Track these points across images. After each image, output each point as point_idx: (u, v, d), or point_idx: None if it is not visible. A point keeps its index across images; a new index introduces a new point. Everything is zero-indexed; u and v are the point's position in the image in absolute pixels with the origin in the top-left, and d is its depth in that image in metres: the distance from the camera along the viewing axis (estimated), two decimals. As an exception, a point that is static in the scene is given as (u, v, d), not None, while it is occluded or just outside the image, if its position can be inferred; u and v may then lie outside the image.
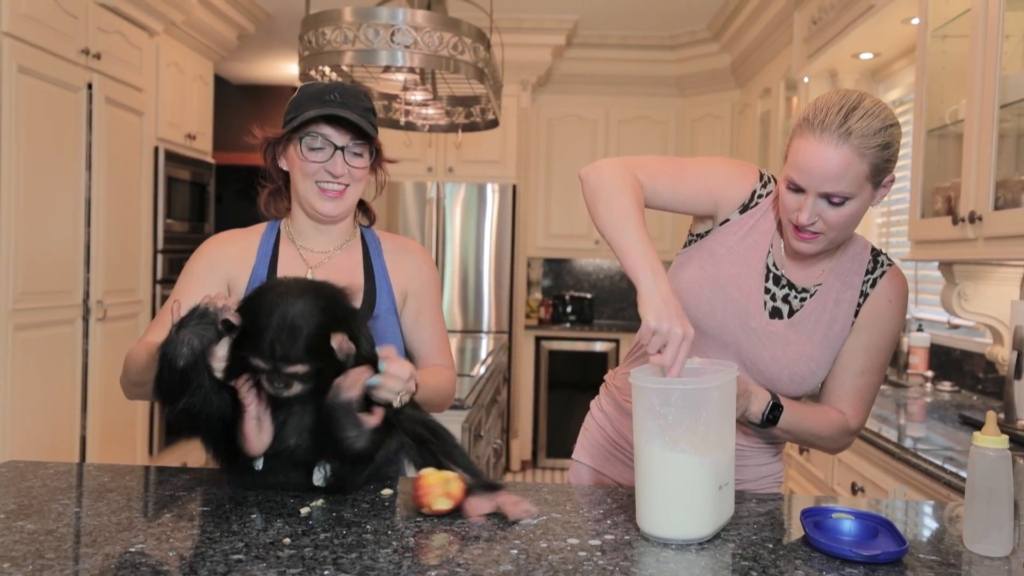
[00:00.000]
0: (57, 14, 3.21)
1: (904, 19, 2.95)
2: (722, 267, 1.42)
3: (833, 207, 1.28)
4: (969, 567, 1.06)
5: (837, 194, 1.26)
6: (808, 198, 1.28)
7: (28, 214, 3.08)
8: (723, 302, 1.40)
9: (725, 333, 1.41)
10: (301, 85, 1.49)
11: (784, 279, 1.42)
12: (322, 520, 1.16)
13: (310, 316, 1.16)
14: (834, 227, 1.30)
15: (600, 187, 1.34)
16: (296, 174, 1.45)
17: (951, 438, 2.08)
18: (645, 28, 5.19)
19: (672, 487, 1.12)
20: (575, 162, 5.52)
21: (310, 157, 1.42)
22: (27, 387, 3.11)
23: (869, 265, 1.43)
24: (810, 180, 1.26)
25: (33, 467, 1.40)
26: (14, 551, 1.00)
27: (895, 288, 1.42)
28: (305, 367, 1.16)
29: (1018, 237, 1.97)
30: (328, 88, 1.43)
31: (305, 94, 1.44)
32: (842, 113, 1.24)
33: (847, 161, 1.23)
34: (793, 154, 1.29)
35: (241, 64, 6.23)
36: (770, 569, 1.03)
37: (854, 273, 1.42)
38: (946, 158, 2.48)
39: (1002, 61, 2.10)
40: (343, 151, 1.42)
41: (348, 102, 1.42)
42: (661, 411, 1.12)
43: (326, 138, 1.42)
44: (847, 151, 1.23)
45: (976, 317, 2.47)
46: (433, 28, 2.55)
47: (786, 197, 1.31)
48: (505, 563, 1.02)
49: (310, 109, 1.40)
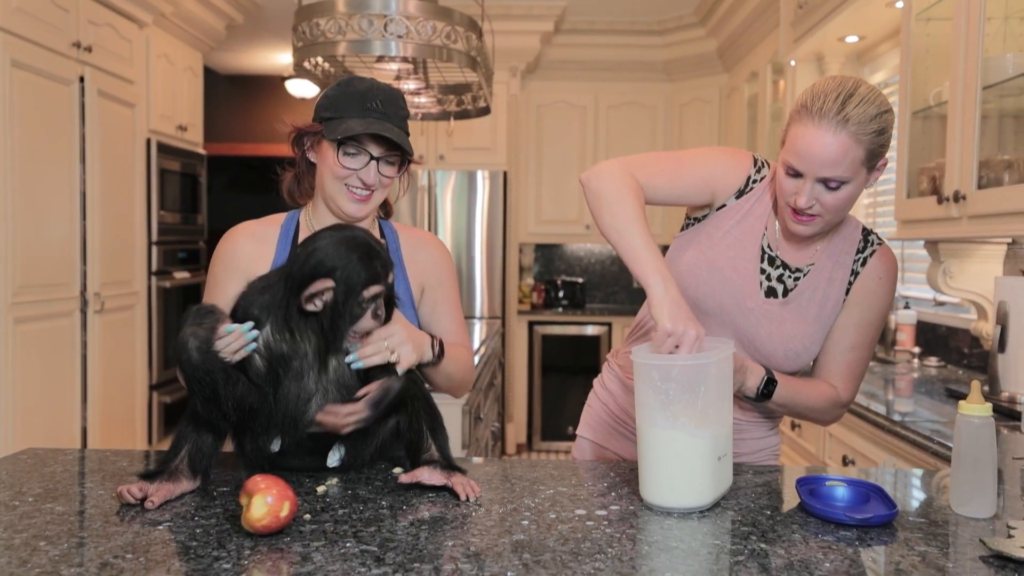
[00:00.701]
0: (48, 7, 3.22)
1: (888, 2, 3.00)
2: (718, 250, 1.47)
3: (830, 191, 1.33)
4: (956, 527, 1.12)
5: (834, 179, 1.31)
6: (806, 183, 1.32)
7: (25, 208, 3.09)
8: (720, 283, 1.46)
9: (722, 312, 1.47)
10: (342, 80, 1.44)
11: (779, 260, 1.48)
12: (339, 497, 1.21)
13: (362, 231, 1.25)
14: (830, 210, 1.35)
15: (602, 192, 1.38)
16: (326, 172, 1.43)
17: (937, 411, 2.15)
18: (633, 14, 5.22)
19: (674, 459, 1.17)
20: (565, 148, 5.56)
21: (344, 163, 1.40)
22: (27, 379, 3.14)
23: (860, 244, 1.48)
24: (809, 165, 1.31)
25: (53, 454, 1.43)
26: (48, 531, 1.05)
27: (884, 266, 1.47)
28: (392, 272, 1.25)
29: (1001, 215, 2.03)
30: (370, 93, 1.41)
31: (346, 94, 1.41)
32: (839, 100, 1.28)
33: (844, 147, 1.28)
34: (792, 140, 1.33)
35: (229, 54, 6.22)
36: (769, 534, 1.08)
37: (845, 252, 1.47)
38: (931, 139, 2.54)
39: (984, 43, 2.15)
40: (378, 162, 1.42)
41: (389, 112, 1.41)
42: (662, 387, 1.18)
43: (363, 147, 1.40)
44: (844, 137, 1.28)
45: (961, 294, 2.54)
46: (426, 17, 2.58)
47: (784, 182, 1.36)
48: (517, 533, 1.07)
49: (351, 114, 1.39)
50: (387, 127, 1.39)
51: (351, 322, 1.22)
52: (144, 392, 4.11)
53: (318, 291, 1.19)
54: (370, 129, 1.37)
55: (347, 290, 1.19)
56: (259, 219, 1.54)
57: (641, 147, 5.55)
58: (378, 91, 1.42)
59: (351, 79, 1.45)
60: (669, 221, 5.34)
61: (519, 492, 1.25)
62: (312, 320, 1.22)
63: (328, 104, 1.42)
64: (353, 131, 1.37)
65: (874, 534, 1.08)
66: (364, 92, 1.41)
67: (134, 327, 4.00)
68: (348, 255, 1.20)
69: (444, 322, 1.56)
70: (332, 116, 1.41)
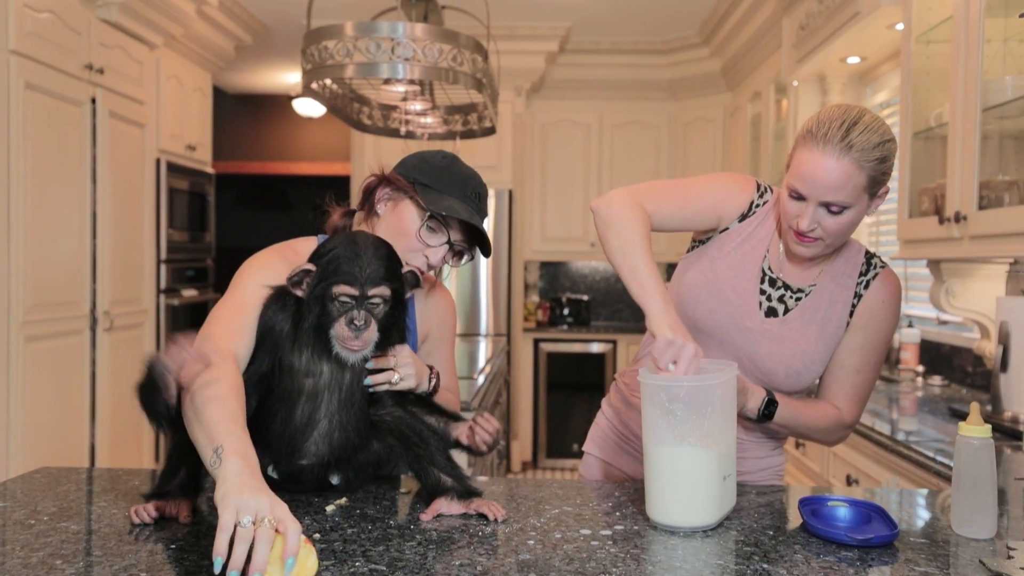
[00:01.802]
0: (61, 31, 3.27)
1: (889, 25, 3.04)
2: (719, 271, 1.51)
3: (832, 215, 1.36)
4: (956, 548, 1.13)
5: (836, 203, 1.34)
6: (809, 206, 1.36)
7: (36, 227, 3.13)
8: (719, 303, 1.49)
9: (721, 332, 1.50)
10: (446, 155, 1.43)
11: (780, 281, 1.50)
12: (347, 517, 1.23)
13: (381, 244, 1.26)
14: (831, 234, 1.38)
15: (611, 220, 1.42)
16: (396, 232, 1.39)
17: (941, 430, 2.16)
18: (637, 34, 5.28)
19: (681, 478, 1.19)
20: (570, 166, 5.60)
21: (423, 236, 1.39)
22: (38, 397, 3.16)
23: (863, 267, 1.50)
24: (812, 190, 1.34)
25: (66, 472, 1.46)
26: (63, 550, 1.07)
27: (888, 289, 1.50)
28: (388, 290, 1.23)
29: (1002, 236, 2.05)
30: (472, 183, 1.41)
31: (451, 173, 1.40)
32: (844, 128, 1.32)
33: (847, 173, 1.31)
34: (796, 164, 1.37)
35: (238, 74, 6.30)
36: (771, 554, 1.10)
37: (848, 275, 1.50)
38: (932, 160, 2.56)
39: (984, 66, 2.18)
40: (451, 247, 1.42)
41: (482, 209, 1.42)
42: (669, 407, 1.20)
43: (447, 228, 1.40)
44: (848, 163, 1.31)
45: (964, 313, 2.55)
46: (432, 40, 2.62)
47: (788, 204, 1.39)
48: (524, 552, 1.09)
49: (453, 193, 1.38)
50: (479, 223, 1.40)
51: (325, 320, 1.22)
52: (151, 409, 4.13)
53: (298, 272, 1.22)
54: (472, 219, 1.37)
55: (319, 279, 1.22)
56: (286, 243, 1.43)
57: (645, 165, 5.58)
58: (478, 183, 1.42)
59: (455, 159, 1.44)
60: (674, 239, 5.37)
61: (525, 512, 1.27)
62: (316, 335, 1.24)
63: (429, 171, 1.40)
64: (456, 213, 1.36)
65: (875, 555, 1.10)
66: (466, 178, 1.41)
67: (143, 345, 4.03)
68: (343, 250, 1.22)
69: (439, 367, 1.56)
70: (431, 186, 1.38)
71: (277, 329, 1.26)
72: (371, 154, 5.08)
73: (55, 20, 3.23)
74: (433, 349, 1.60)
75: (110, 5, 3.61)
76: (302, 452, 1.28)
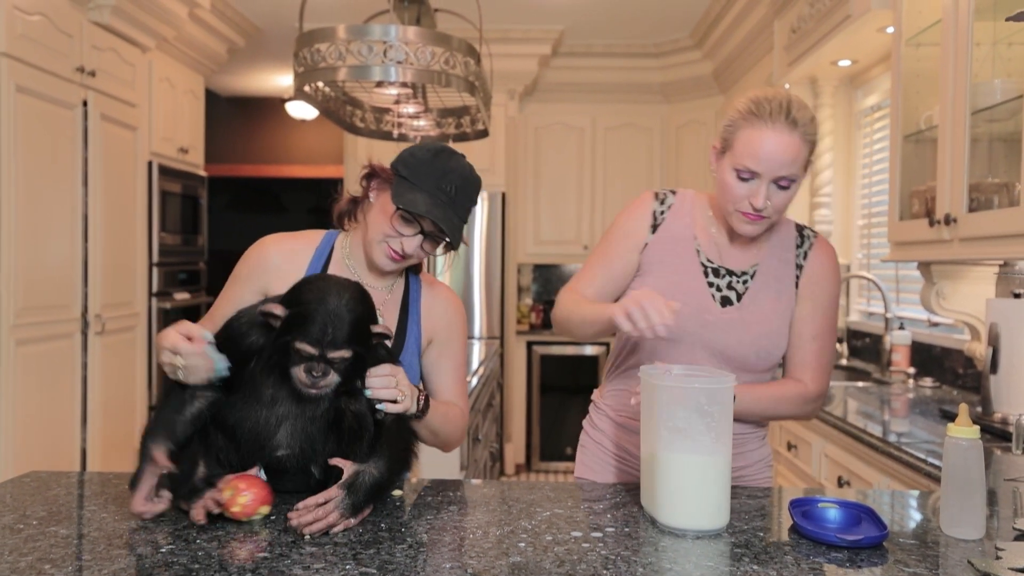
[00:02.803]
0: (52, 33, 3.26)
1: (879, 28, 3.05)
2: (660, 280, 1.54)
3: (781, 191, 1.43)
4: (946, 549, 1.14)
5: (788, 177, 1.41)
6: (762, 184, 1.41)
7: (27, 230, 3.12)
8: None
9: (688, 334, 1.52)
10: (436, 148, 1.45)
11: (723, 269, 1.56)
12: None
13: (355, 306, 1.23)
14: (779, 209, 1.45)
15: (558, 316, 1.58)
16: (375, 222, 1.44)
17: (932, 432, 2.17)
18: (629, 37, 5.29)
19: (696, 483, 1.20)
20: (563, 169, 5.61)
21: (396, 225, 1.42)
22: (28, 400, 3.15)
23: (797, 240, 1.58)
24: (768, 166, 1.39)
25: (55, 476, 1.45)
26: (52, 554, 1.06)
27: (826, 255, 1.58)
28: (349, 353, 1.21)
29: (991, 238, 2.06)
30: (450, 176, 1.41)
31: (430, 166, 1.41)
32: (785, 107, 1.40)
33: (797, 147, 1.39)
34: (746, 145, 1.41)
35: (231, 77, 6.29)
36: (761, 555, 1.10)
37: (786, 249, 1.57)
38: (922, 162, 2.57)
39: (973, 68, 2.19)
40: (425, 237, 1.43)
41: (458, 200, 1.42)
42: (682, 414, 1.20)
43: (419, 221, 1.42)
44: (797, 138, 1.39)
45: (954, 315, 2.56)
46: (424, 43, 2.62)
47: (735, 187, 1.44)
48: (514, 555, 1.09)
49: (423, 188, 1.40)
50: (447, 215, 1.40)
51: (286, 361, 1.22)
52: (144, 413, 4.12)
53: (268, 312, 1.22)
54: (431, 214, 1.38)
55: (285, 329, 1.21)
56: (295, 233, 1.54)
57: (638, 168, 5.59)
58: (457, 176, 1.42)
59: (441, 150, 1.45)
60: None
61: (516, 514, 1.27)
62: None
63: (410, 163, 1.43)
64: (415, 208, 1.38)
65: (865, 556, 1.10)
66: (446, 172, 1.41)
67: (134, 348, 4.02)
68: (316, 305, 1.20)
69: (445, 376, 1.57)
70: (407, 178, 1.41)
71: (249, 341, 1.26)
72: (364, 157, 5.02)
73: (46, 22, 3.22)
74: (440, 354, 1.57)
75: (102, 7, 3.60)
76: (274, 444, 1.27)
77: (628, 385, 1.60)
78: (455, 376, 1.59)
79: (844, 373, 3.56)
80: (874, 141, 3.75)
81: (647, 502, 1.26)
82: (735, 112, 1.44)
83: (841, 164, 3.96)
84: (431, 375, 1.58)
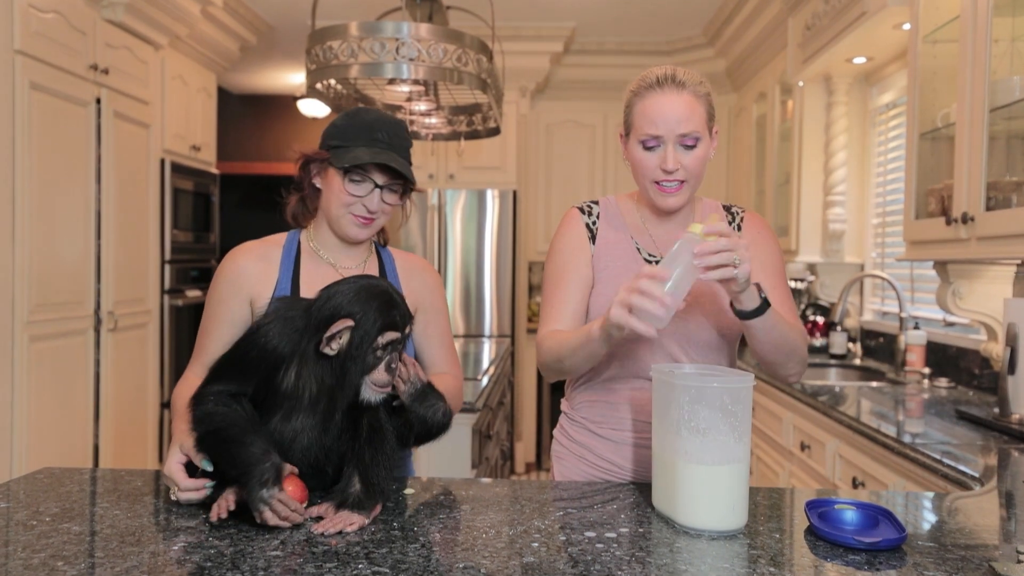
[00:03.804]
0: (66, 31, 3.27)
1: (896, 24, 3.02)
2: (612, 286, 1.55)
3: (687, 151, 1.47)
4: (965, 551, 1.12)
5: (690, 134, 1.46)
6: (668, 146, 1.46)
7: (41, 227, 3.14)
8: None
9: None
10: (350, 111, 1.51)
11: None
12: (351, 518, 1.22)
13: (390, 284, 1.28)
14: (691, 171, 1.48)
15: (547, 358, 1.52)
16: (332, 198, 1.48)
17: (948, 432, 2.14)
18: (641, 34, 5.27)
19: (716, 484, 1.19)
20: (574, 167, 5.59)
21: (350, 190, 1.46)
22: (42, 397, 3.17)
23: (728, 217, 1.63)
24: (667, 126, 1.45)
25: (68, 473, 1.45)
26: (65, 551, 1.06)
27: (758, 222, 1.64)
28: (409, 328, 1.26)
29: (1009, 237, 2.03)
30: (377, 124, 1.46)
31: (354, 125, 1.46)
32: (668, 73, 1.48)
33: (690, 103, 1.46)
34: (641, 114, 1.48)
35: (242, 75, 6.30)
36: (778, 557, 1.09)
37: None
38: (939, 160, 2.55)
39: (991, 65, 2.17)
40: (382, 190, 1.47)
41: (394, 143, 1.46)
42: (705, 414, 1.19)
43: (368, 176, 1.46)
44: (687, 95, 1.46)
45: (970, 315, 2.54)
46: (437, 41, 2.61)
47: (644, 158, 1.49)
48: (528, 555, 1.08)
49: (359, 144, 1.44)
50: (392, 156, 1.44)
51: (364, 371, 1.22)
52: (156, 410, 4.14)
53: (338, 331, 1.20)
54: (376, 159, 1.42)
55: (363, 334, 1.21)
56: (260, 239, 1.58)
57: (650, 166, 5.56)
58: (384, 122, 1.47)
59: (358, 110, 1.50)
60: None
61: (529, 514, 1.26)
62: (323, 365, 1.23)
63: (336, 133, 1.48)
64: (360, 160, 1.42)
65: (883, 558, 1.09)
66: (371, 123, 1.46)
67: (147, 345, 4.04)
68: (368, 301, 1.22)
69: (436, 348, 1.62)
70: (340, 145, 1.46)
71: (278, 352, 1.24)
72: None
73: (60, 20, 3.23)
74: (427, 323, 1.61)
75: (115, 5, 3.61)
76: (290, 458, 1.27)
77: (605, 396, 1.60)
78: (444, 343, 1.63)
79: (858, 372, 3.54)
80: (889, 139, 3.71)
81: (663, 503, 1.25)
82: (627, 94, 1.52)
83: (855, 162, 3.93)
84: (423, 348, 1.62)
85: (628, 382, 1.58)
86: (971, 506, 1.41)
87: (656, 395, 1.27)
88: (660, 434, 1.25)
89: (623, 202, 1.65)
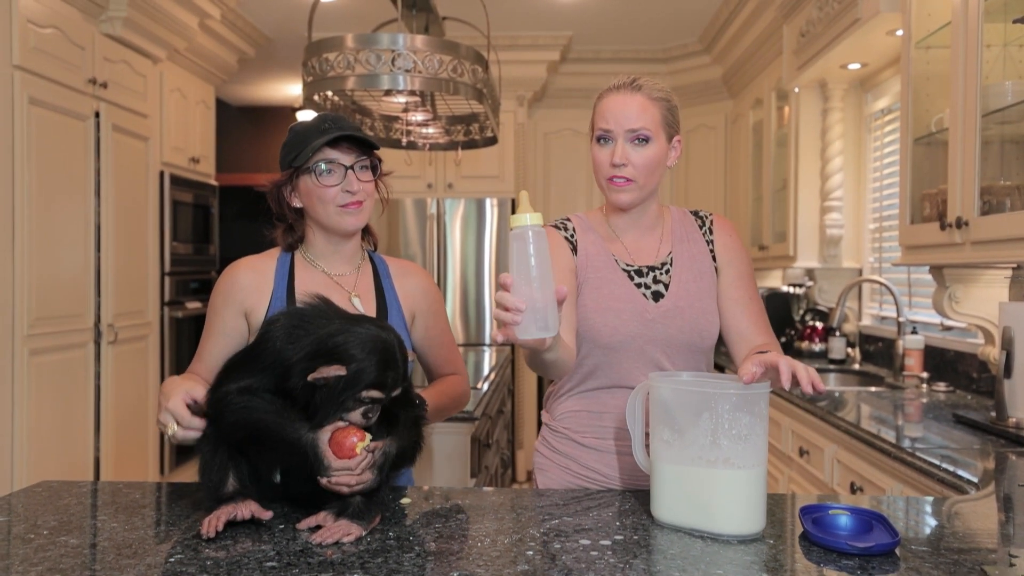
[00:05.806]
0: (65, 46, 3.30)
1: (889, 31, 3.04)
2: (596, 296, 1.59)
3: (637, 148, 1.52)
4: (957, 556, 1.12)
5: (639, 130, 1.51)
6: (618, 142, 1.52)
7: (41, 241, 3.15)
8: (614, 317, 1.57)
9: (635, 337, 1.56)
10: (290, 127, 1.57)
11: (643, 268, 1.61)
12: (347, 528, 1.23)
13: (400, 344, 1.27)
14: (640, 168, 1.53)
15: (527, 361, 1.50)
16: (314, 203, 1.52)
17: (946, 437, 2.15)
18: (638, 42, 5.29)
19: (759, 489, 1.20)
20: (572, 175, 5.61)
21: (325, 182, 1.50)
22: (42, 410, 3.17)
23: (697, 222, 1.68)
24: (616, 121, 1.52)
25: (67, 486, 1.46)
26: (62, 564, 1.07)
27: (727, 227, 1.68)
28: (400, 389, 1.26)
29: (1003, 241, 2.04)
30: (320, 120, 1.52)
31: (299, 133, 1.52)
32: (630, 78, 1.57)
33: (642, 103, 1.53)
34: (598, 114, 1.57)
35: (241, 86, 6.33)
36: (771, 563, 1.09)
37: (690, 232, 1.66)
38: (933, 165, 2.56)
39: (983, 70, 2.18)
40: (353, 169, 1.51)
41: (343, 125, 1.51)
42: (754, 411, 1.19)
43: (336, 162, 1.50)
44: (641, 97, 1.53)
45: (967, 319, 2.54)
46: (432, 52, 2.63)
47: (598, 154, 1.56)
48: (522, 563, 1.08)
49: (310, 140, 1.49)
50: (342, 128, 1.49)
51: (340, 411, 1.22)
52: (156, 425, 4.14)
53: (328, 376, 1.20)
54: (329, 135, 1.47)
55: (350, 383, 1.21)
56: (258, 254, 1.61)
57: (648, 173, 5.57)
58: (325, 117, 1.53)
59: (300, 121, 1.56)
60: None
61: (524, 522, 1.26)
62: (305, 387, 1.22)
63: (288, 149, 1.53)
64: (316, 145, 1.47)
65: (876, 563, 1.09)
66: (315, 123, 1.52)
67: (147, 357, 4.05)
68: (371, 354, 1.22)
69: (437, 346, 1.68)
70: (295, 153, 1.50)
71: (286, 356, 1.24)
72: (374, 165, 5.08)
73: (59, 35, 3.26)
74: (428, 327, 1.65)
75: (114, 20, 3.64)
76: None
77: (588, 406, 1.61)
78: (446, 344, 1.68)
79: (856, 378, 3.54)
80: (884, 144, 3.73)
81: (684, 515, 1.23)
82: (595, 100, 1.59)
83: (851, 168, 3.95)
84: (426, 352, 1.67)
85: (611, 391, 1.59)
86: (967, 510, 1.42)
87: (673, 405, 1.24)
88: (682, 444, 1.23)
89: (592, 216, 1.70)
